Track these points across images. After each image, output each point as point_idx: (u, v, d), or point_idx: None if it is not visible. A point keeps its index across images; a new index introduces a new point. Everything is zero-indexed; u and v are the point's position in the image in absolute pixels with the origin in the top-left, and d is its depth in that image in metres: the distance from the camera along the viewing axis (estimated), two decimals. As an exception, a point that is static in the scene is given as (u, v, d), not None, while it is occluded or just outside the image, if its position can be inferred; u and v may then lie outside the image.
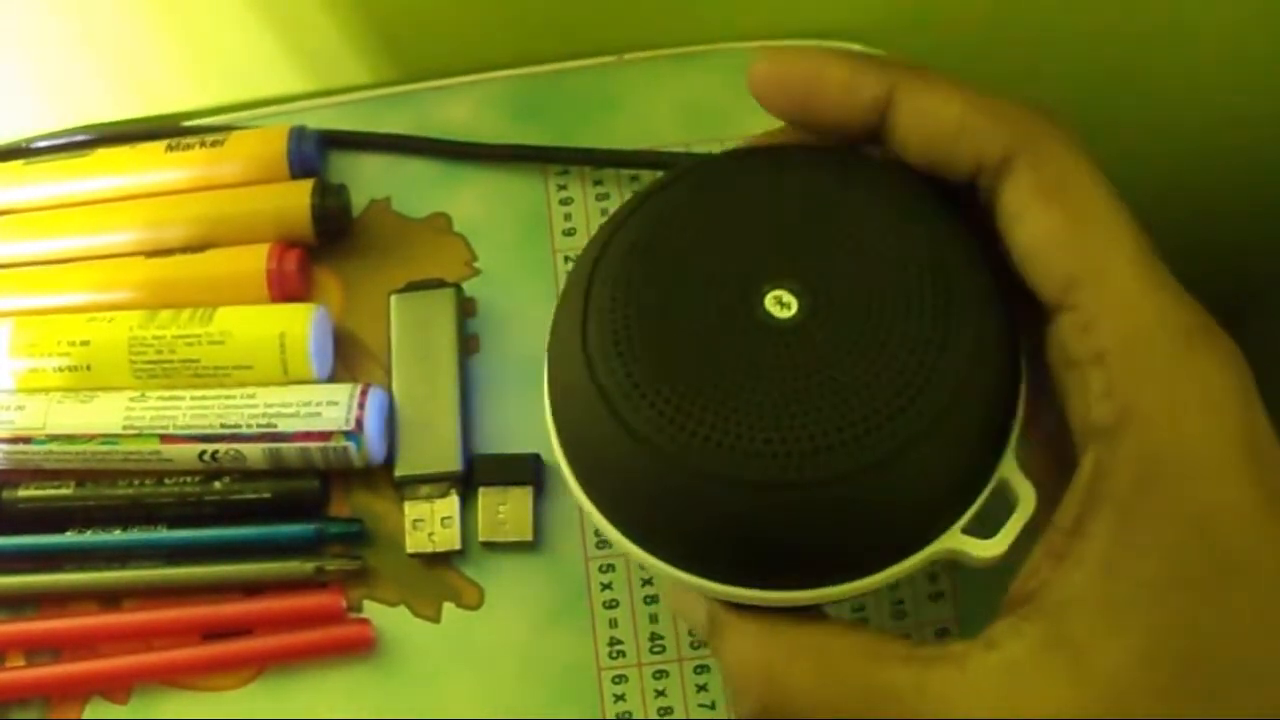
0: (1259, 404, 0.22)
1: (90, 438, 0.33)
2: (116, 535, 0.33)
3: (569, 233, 0.36)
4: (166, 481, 0.33)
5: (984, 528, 0.24)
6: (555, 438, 0.26)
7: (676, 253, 0.25)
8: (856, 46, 0.38)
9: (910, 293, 0.24)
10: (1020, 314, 0.25)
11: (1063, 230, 0.23)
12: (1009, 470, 0.24)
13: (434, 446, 0.33)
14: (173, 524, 0.33)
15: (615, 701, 0.32)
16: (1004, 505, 0.24)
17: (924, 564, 0.24)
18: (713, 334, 0.24)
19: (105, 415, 0.33)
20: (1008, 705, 0.21)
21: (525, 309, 0.36)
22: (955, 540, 0.24)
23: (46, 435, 0.33)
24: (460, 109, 0.38)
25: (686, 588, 0.25)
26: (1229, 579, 0.21)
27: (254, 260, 0.35)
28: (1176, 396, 0.22)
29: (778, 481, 0.23)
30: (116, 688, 0.33)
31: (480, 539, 0.33)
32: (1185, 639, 0.21)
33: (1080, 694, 0.21)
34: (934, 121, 0.24)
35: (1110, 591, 0.21)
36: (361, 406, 0.33)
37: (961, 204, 0.25)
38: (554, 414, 0.26)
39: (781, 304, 0.24)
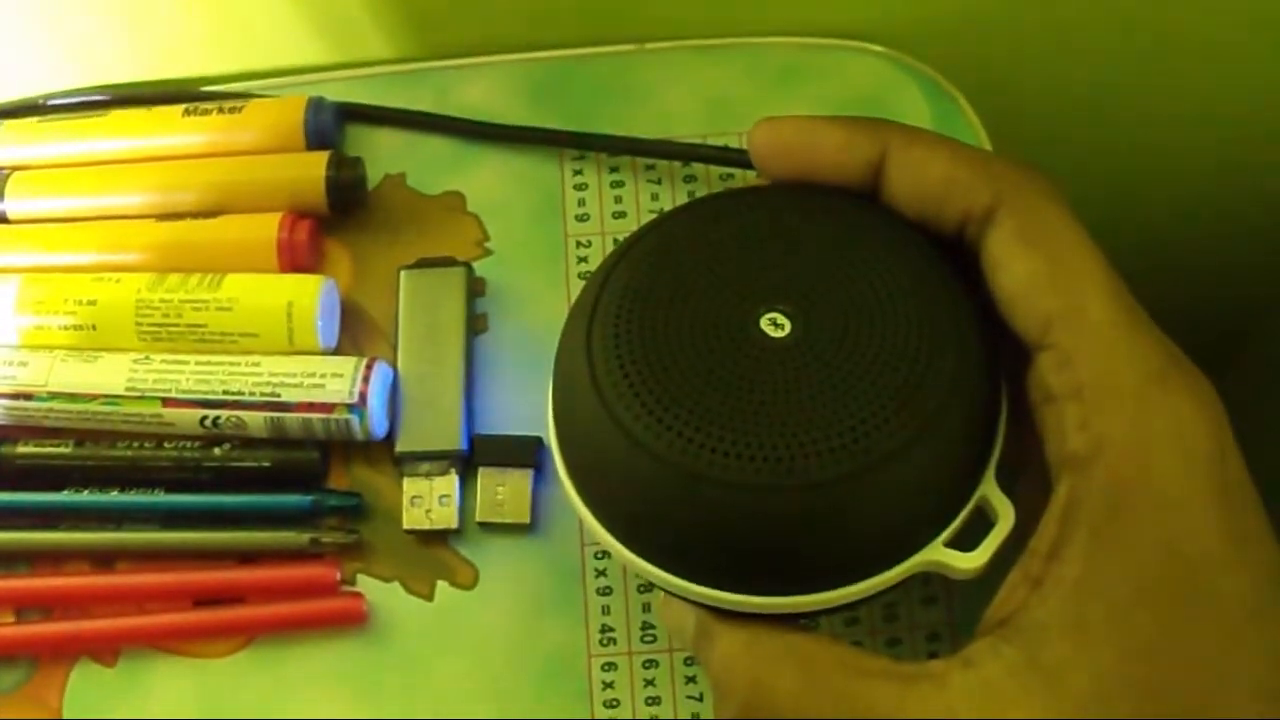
0: (1231, 439, 0.24)
1: (92, 397, 0.33)
2: (113, 496, 0.33)
3: (582, 218, 0.36)
4: (166, 445, 0.33)
5: (967, 546, 0.25)
6: (555, 443, 0.27)
7: (678, 278, 0.27)
8: (877, 47, 0.38)
9: (896, 317, 0.25)
10: (1004, 357, 0.26)
11: (1043, 273, 0.25)
12: (990, 489, 0.25)
13: (436, 424, 0.33)
14: (170, 488, 0.33)
15: (604, 688, 0.32)
16: (985, 527, 0.25)
17: (908, 574, 0.25)
18: (711, 349, 0.26)
19: (108, 376, 0.33)
20: None
21: (535, 292, 0.35)
22: (938, 552, 0.25)
23: (48, 393, 0.33)
24: (479, 89, 0.38)
25: (679, 594, 0.26)
26: (1193, 605, 0.22)
27: (265, 229, 0.35)
28: (1148, 429, 0.23)
29: (766, 484, 0.24)
30: (105, 649, 0.33)
31: (477, 519, 0.33)
32: (1152, 664, 0.22)
33: (1053, 714, 0.22)
34: (924, 176, 0.26)
35: (1082, 615, 0.22)
36: (366, 380, 0.32)
37: (948, 255, 0.27)
38: (555, 421, 0.27)
39: (776, 325, 0.26)
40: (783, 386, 0.25)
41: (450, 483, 0.33)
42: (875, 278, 0.26)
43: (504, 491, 0.33)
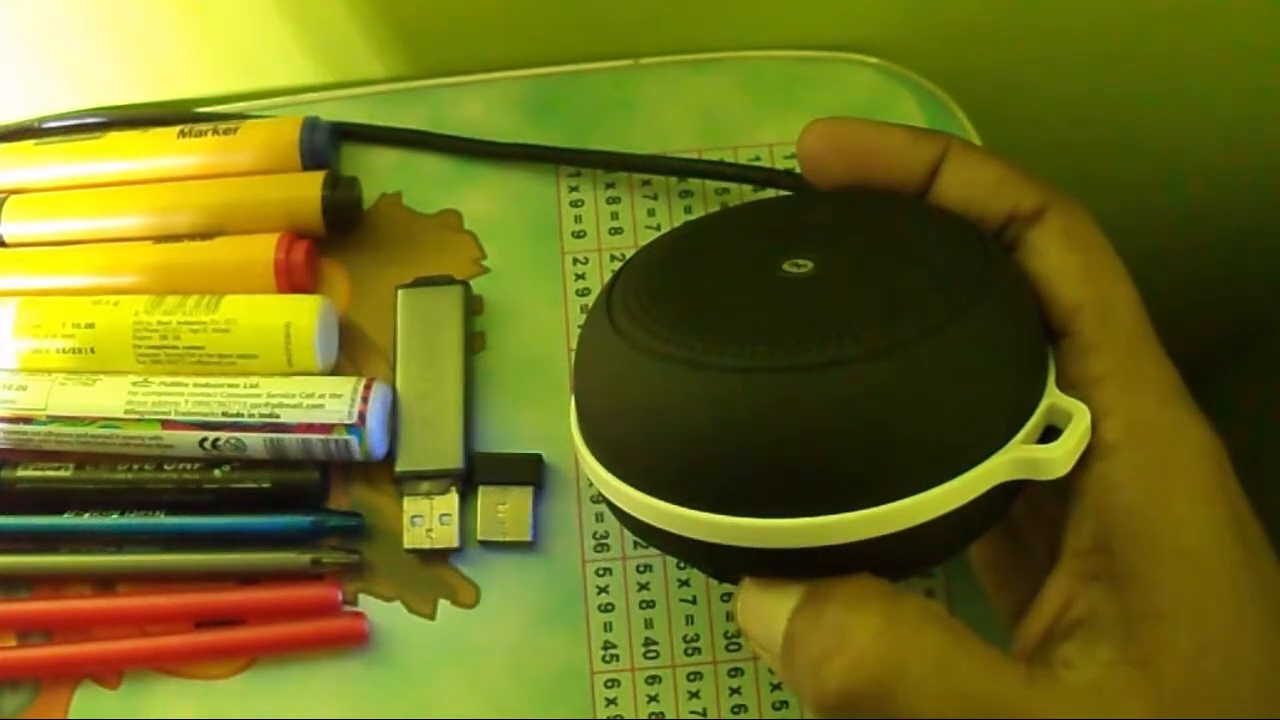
0: (1229, 463, 0.24)
1: (92, 421, 0.33)
2: (114, 519, 0.33)
3: (579, 234, 0.36)
4: (166, 467, 0.33)
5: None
6: (579, 431, 0.26)
7: (705, 246, 0.27)
8: (872, 59, 0.38)
9: (924, 243, 0.25)
10: None
11: (1079, 265, 0.25)
12: (1056, 397, 0.24)
13: (436, 443, 0.33)
14: (171, 510, 0.33)
15: (607, 705, 0.32)
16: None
17: (992, 480, 0.23)
18: (727, 285, 0.25)
19: (107, 399, 0.33)
20: None
21: (532, 309, 0.35)
22: (1019, 450, 0.23)
23: (48, 416, 0.33)
24: (474, 107, 0.38)
25: (736, 537, 0.23)
26: (1233, 598, 0.22)
27: (262, 249, 0.35)
28: (1175, 414, 0.24)
29: (807, 365, 0.22)
30: (108, 672, 0.33)
31: (478, 538, 0.33)
32: (1216, 656, 0.22)
33: (1153, 712, 0.22)
34: (982, 173, 0.27)
35: (1152, 605, 0.22)
36: (365, 400, 0.33)
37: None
38: (575, 394, 0.27)
39: (797, 265, 0.25)
40: (804, 298, 0.24)
41: (451, 501, 0.33)
42: (903, 226, 0.26)
43: (505, 510, 0.33)
